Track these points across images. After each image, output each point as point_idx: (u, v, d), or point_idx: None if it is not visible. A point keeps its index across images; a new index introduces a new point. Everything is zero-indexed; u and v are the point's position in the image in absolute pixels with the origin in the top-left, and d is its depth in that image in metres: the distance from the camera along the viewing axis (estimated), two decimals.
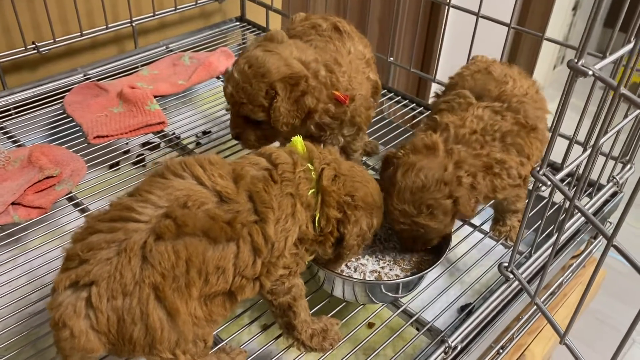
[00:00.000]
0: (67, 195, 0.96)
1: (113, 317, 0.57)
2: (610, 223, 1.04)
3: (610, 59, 0.57)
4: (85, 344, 0.57)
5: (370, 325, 0.86)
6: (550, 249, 0.84)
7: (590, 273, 1.09)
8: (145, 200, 0.61)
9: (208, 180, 0.63)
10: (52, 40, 1.22)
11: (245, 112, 0.85)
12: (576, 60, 0.55)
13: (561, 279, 0.97)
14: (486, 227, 0.96)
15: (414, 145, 0.81)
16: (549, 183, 0.62)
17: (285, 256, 0.66)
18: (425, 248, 0.83)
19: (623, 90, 0.51)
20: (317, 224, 0.69)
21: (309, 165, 0.69)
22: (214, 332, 0.73)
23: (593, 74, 0.54)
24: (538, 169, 0.63)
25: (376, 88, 0.97)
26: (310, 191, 0.68)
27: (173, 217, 0.59)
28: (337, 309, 0.81)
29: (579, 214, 0.91)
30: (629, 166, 0.94)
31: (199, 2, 1.45)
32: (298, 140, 0.71)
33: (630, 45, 0.54)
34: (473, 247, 0.91)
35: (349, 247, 0.72)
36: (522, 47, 2.83)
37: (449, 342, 0.71)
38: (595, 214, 0.96)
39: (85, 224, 0.62)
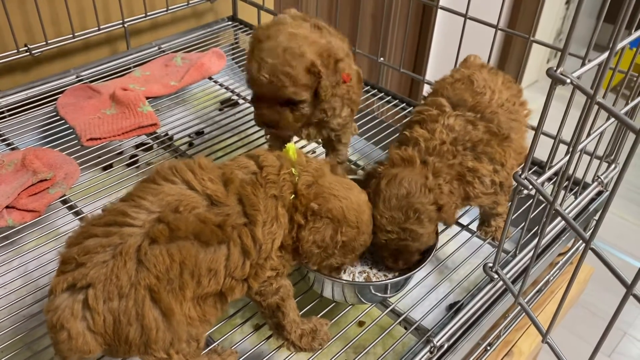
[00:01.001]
0: (60, 198, 0.97)
1: (109, 318, 0.58)
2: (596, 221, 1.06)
3: (588, 67, 0.58)
4: (82, 346, 0.58)
5: (361, 323, 0.88)
6: (539, 248, 0.86)
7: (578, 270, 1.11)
8: (139, 206, 0.62)
9: (198, 184, 0.65)
10: (44, 42, 1.23)
11: (286, 95, 0.86)
12: (555, 69, 0.56)
13: (548, 276, 0.99)
14: (474, 226, 0.98)
15: (392, 159, 0.83)
16: (531, 187, 0.64)
17: (272, 258, 0.67)
18: (406, 266, 0.83)
19: (599, 99, 0.53)
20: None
21: (293, 170, 0.70)
22: (207, 333, 0.74)
23: (571, 82, 0.55)
24: (520, 172, 0.65)
25: (359, 76, 1.00)
26: (292, 196, 0.69)
27: (166, 221, 0.60)
28: (327, 309, 0.82)
29: (570, 211, 0.93)
30: (613, 166, 0.96)
31: (190, 2, 1.46)
32: (291, 147, 0.72)
33: (606, 54, 0.55)
34: (461, 245, 0.93)
35: (306, 253, 0.70)
36: (514, 45, 2.85)
37: (434, 342, 0.73)
38: (581, 212, 0.97)
39: (80, 228, 0.64)
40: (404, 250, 0.82)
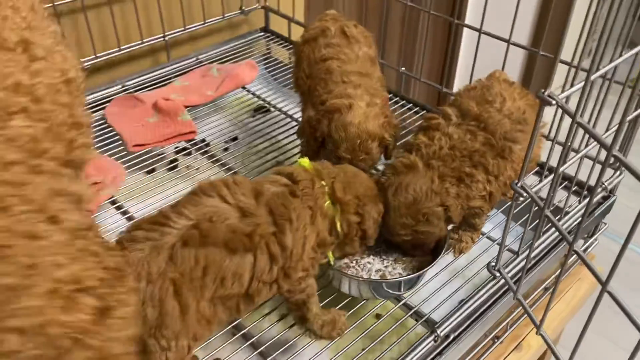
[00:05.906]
0: (110, 199, 1.08)
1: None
2: (605, 224, 1.11)
3: (573, 89, 0.65)
4: None
5: (378, 316, 0.96)
6: (533, 250, 0.92)
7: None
8: (180, 213, 0.72)
9: (232, 198, 0.74)
10: (94, 56, 1.35)
11: None
12: (543, 91, 0.64)
13: (554, 275, 1.05)
14: (485, 228, 1.04)
15: (395, 168, 0.89)
16: (525, 195, 0.71)
17: (303, 260, 0.77)
18: (425, 254, 0.92)
19: (579, 119, 0.60)
20: (340, 230, 0.82)
21: (322, 182, 0.81)
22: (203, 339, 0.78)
23: (557, 104, 0.63)
24: (516, 181, 0.72)
25: (382, 83, 1.08)
26: (326, 203, 0.80)
27: (199, 228, 0.70)
28: (345, 301, 0.91)
29: (576, 213, 0.98)
30: (619, 172, 1.01)
31: (225, 15, 1.56)
32: (305, 161, 0.83)
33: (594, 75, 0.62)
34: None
35: (371, 236, 0.86)
36: (539, 65, 2.83)
37: (438, 332, 0.81)
38: (587, 216, 1.03)
39: (136, 221, 0.74)
40: (420, 243, 0.90)
